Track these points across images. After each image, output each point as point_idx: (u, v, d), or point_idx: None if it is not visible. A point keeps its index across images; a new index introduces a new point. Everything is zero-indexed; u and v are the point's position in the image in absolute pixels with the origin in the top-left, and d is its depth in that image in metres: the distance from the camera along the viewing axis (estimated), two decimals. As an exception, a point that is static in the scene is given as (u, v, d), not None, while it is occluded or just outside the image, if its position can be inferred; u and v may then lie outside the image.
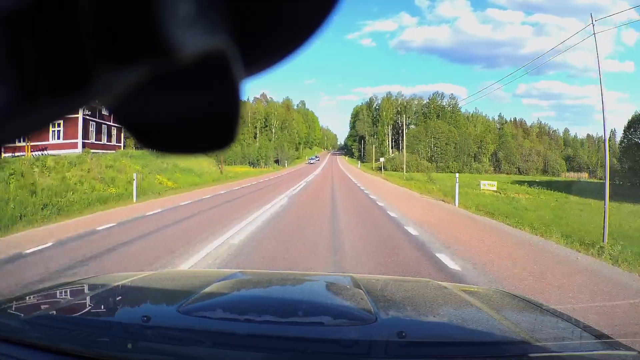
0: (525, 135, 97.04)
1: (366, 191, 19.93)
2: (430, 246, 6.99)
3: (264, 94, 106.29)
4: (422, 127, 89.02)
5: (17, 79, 0.23)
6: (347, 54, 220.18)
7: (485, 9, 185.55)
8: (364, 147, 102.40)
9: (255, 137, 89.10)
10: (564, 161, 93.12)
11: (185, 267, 5.53)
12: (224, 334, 1.21)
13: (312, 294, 1.79)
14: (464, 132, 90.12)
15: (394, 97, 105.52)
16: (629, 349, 1.23)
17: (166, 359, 1.16)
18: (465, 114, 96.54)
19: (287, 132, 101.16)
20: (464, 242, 7.58)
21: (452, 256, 6.24)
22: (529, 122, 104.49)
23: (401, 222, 9.66)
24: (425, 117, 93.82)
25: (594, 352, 1.20)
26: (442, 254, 6.34)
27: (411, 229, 8.72)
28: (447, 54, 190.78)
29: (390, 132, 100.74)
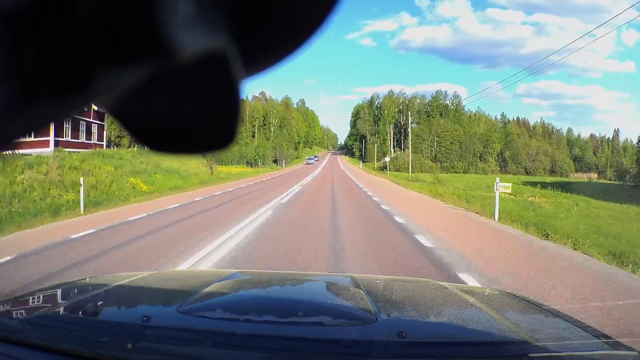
0: (531, 134, 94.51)
1: (375, 198, 16.26)
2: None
3: (263, 93, 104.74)
4: (425, 125, 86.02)
5: (17, 79, 0.23)
6: (347, 54, 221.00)
7: (485, 9, 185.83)
8: (365, 147, 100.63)
9: (253, 136, 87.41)
10: (572, 161, 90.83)
11: None
12: (224, 334, 1.21)
13: (312, 294, 1.79)
14: (469, 131, 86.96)
15: (396, 95, 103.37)
16: (629, 349, 1.23)
17: (166, 359, 1.16)
18: (467, 113, 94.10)
19: (286, 130, 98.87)
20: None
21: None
22: (530, 122, 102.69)
23: (451, 265, 5.63)
24: (428, 116, 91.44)
25: (594, 352, 1.20)
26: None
27: (477, 279, 4.91)
28: (448, 54, 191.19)
29: (392, 131, 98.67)
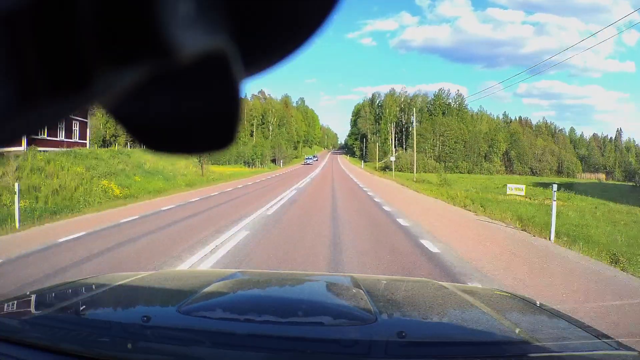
0: (536, 133, 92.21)
1: (386, 207, 12.85)
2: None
3: (262, 92, 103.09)
4: (428, 124, 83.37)
5: (17, 79, 0.23)
6: (347, 54, 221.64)
7: (485, 9, 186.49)
8: (366, 146, 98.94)
9: (251, 134, 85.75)
10: (579, 161, 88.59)
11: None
12: (224, 334, 1.21)
13: (312, 294, 1.79)
14: (474, 129, 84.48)
15: (398, 93, 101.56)
16: (629, 349, 1.23)
17: (166, 359, 1.16)
18: (469, 112, 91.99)
19: (285, 129, 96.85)
20: None
21: None
22: (532, 122, 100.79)
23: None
24: (430, 115, 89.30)
25: (594, 352, 1.20)
26: None
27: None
28: (448, 54, 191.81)
29: (393, 130, 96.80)
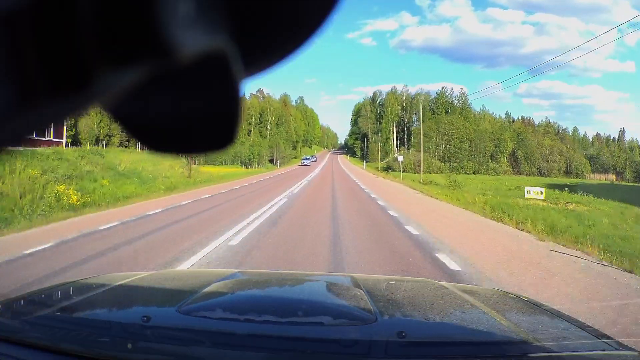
0: (543, 133, 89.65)
1: (412, 229, 8.70)
2: None
3: (261, 90, 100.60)
4: (432, 122, 79.67)
5: (17, 79, 0.22)
6: (347, 54, 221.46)
7: (485, 8, 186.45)
8: (367, 146, 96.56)
9: (248, 134, 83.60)
10: (587, 161, 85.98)
11: None
12: (224, 334, 1.21)
13: (312, 294, 1.79)
14: (480, 128, 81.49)
15: (400, 92, 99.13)
16: (629, 349, 1.23)
17: (166, 359, 1.16)
18: (472, 111, 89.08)
19: (283, 128, 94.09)
20: None
21: None
22: (534, 121, 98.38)
23: None
24: (433, 113, 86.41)
25: (594, 352, 1.20)
26: None
27: None
28: (448, 54, 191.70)
29: (395, 129, 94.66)
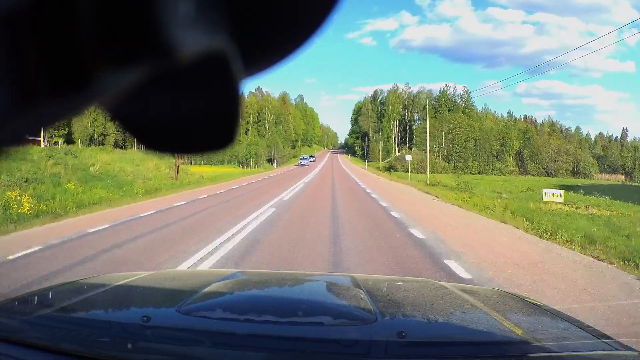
0: (549, 132, 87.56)
1: (462, 272, 5.52)
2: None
3: (259, 89, 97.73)
4: (436, 121, 76.23)
5: (17, 79, 0.22)
6: (347, 53, 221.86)
7: (486, 8, 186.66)
8: (368, 145, 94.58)
9: (246, 133, 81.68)
10: (595, 161, 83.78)
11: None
12: (224, 334, 1.21)
13: (312, 294, 1.79)
14: (485, 127, 78.57)
15: (401, 90, 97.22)
16: (629, 349, 1.22)
17: (166, 359, 1.16)
18: (475, 109, 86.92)
19: (282, 127, 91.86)
20: None
21: None
22: (536, 120, 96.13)
23: None
24: (436, 112, 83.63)
25: (594, 352, 1.20)
26: None
27: None
28: (448, 53, 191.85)
29: (396, 128, 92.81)
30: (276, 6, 0.28)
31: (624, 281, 5.56)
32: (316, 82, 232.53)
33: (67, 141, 43.55)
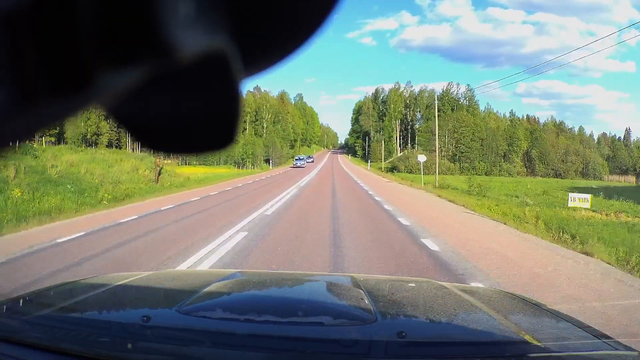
0: (556, 132, 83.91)
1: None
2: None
3: (258, 87, 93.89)
4: (441, 118, 69.62)
5: (17, 79, 0.22)
6: (347, 53, 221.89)
7: (486, 8, 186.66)
8: (369, 145, 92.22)
9: (243, 132, 77.99)
10: (605, 162, 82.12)
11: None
12: (224, 334, 1.21)
13: (312, 294, 1.79)
14: (491, 126, 75.29)
15: (403, 88, 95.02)
16: (629, 349, 1.22)
17: (166, 359, 1.16)
18: (478, 108, 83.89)
19: (280, 126, 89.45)
20: None
21: None
22: (539, 120, 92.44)
23: None
24: (438, 111, 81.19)
25: (594, 352, 1.20)
26: None
27: None
28: (448, 53, 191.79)
29: (398, 127, 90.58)
30: (276, 6, 0.28)
31: None
32: (316, 81, 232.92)
33: (59, 141, 42.60)
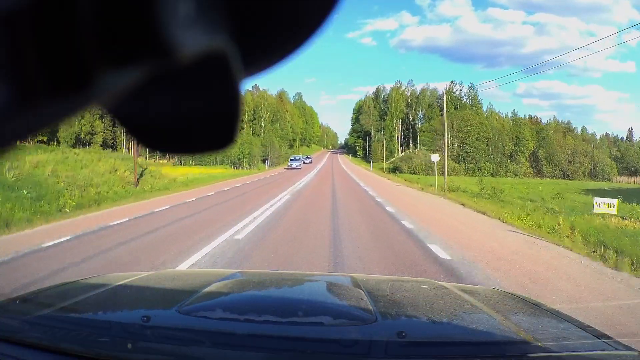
0: (563, 132, 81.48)
1: None
2: None
3: (256, 86, 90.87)
4: (445, 118, 72.25)
5: (17, 79, 0.22)
6: (347, 53, 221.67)
7: (486, 8, 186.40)
8: (370, 145, 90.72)
9: (241, 131, 77.75)
10: (614, 163, 79.66)
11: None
12: (224, 334, 1.21)
13: (312, 294, 1.79)
14: (497, 125, 72.30)
15: (405, 87, 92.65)
16: (629, 349, 1.22)
17: (166, 359, 1.16)
18: (481, 107, 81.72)
19: (278, 125, 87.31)
20: None
21: None
22: (541, 120, 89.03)
23: None
24: (441, 110, 76.41)
25: (594, 352, 1.20)
26: None
27: None
28: (448, 53, 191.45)
29: (399, 126, 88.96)
30: (276, 6, 0.28)
31: None
32: (316, 81, 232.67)
33: (51, 140, 41.95)
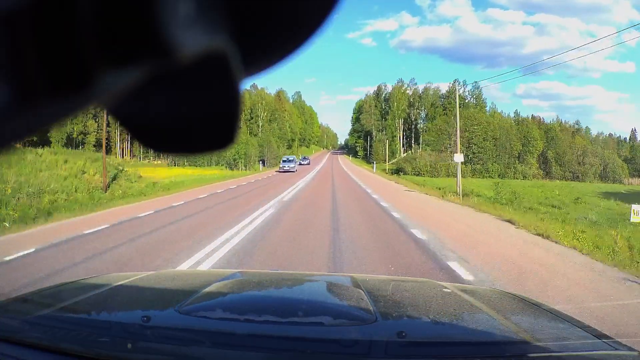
0: (572, 132, 78.98)
1: None
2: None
3: (254, 85, 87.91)
4: (449, 116, 64.25)
5: (17, 79, 0.22)
6: (347, 53, 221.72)
7: (486, 9, 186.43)
8: (371, 145, 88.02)
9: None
10: (624, 164, 77.84)
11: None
12: (224, 334, 1.21)
13: (312, 294, 1.79)
14: (505, 125, 69.26)
15: (407, 85, 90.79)
16: (629, 349, 1.22)
17: (166, 359, 1.16)
18: (485, 106, 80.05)
19: (276, 125, 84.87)
20: None
21: None
22: (544, 120, 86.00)
23: None
24: (444, 110, 77.07)
25: (594, 352, 1.20)
26: None
27: None
28: (448, 54, 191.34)
29: (401, 126, 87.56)
30: (276, 6, 0.28)
31: None
32: (316, 81, 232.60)
33: (42, 141, 41.06)
